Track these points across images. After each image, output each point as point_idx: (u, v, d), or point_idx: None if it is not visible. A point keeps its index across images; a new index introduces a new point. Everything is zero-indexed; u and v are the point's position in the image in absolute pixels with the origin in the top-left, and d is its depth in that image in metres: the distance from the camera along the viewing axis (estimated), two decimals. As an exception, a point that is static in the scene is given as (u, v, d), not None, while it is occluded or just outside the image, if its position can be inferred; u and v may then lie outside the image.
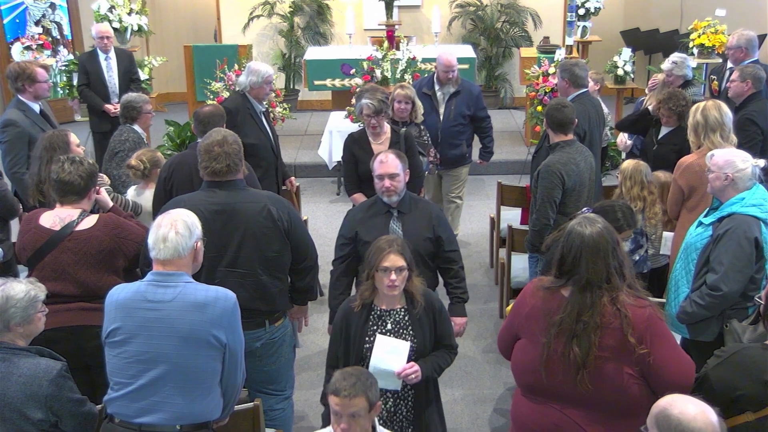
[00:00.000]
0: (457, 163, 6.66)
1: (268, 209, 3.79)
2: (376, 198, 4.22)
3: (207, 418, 3.13)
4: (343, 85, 9.24)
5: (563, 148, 4.82)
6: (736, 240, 3.75)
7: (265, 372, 3.95)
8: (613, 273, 2.96)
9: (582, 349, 2.91)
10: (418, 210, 4.17)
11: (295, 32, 11.18)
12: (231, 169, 3.78)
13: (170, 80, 11.16)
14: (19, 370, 3.04)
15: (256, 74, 5.69)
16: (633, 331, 2.90)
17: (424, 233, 4.10)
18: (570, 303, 2.97)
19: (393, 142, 5.33)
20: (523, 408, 3.15)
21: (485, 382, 5.17)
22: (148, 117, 5.74)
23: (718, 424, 2.32)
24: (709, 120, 4.67)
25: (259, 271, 3.79)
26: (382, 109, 5.20)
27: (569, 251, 2.99)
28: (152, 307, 3.06)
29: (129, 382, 3.07)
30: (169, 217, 3.17)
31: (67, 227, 3.81)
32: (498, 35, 11.28)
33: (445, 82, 6.46)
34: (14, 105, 5.76)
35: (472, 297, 6.29)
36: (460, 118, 6.50)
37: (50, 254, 3.78)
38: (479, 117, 6.65)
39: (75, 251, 3.78)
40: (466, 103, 6.51)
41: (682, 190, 4.66)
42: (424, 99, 6.36)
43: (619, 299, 2.94)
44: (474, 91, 6.63)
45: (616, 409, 2.95)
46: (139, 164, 4.92)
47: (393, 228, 4.08)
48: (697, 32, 8.91)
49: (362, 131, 5.42)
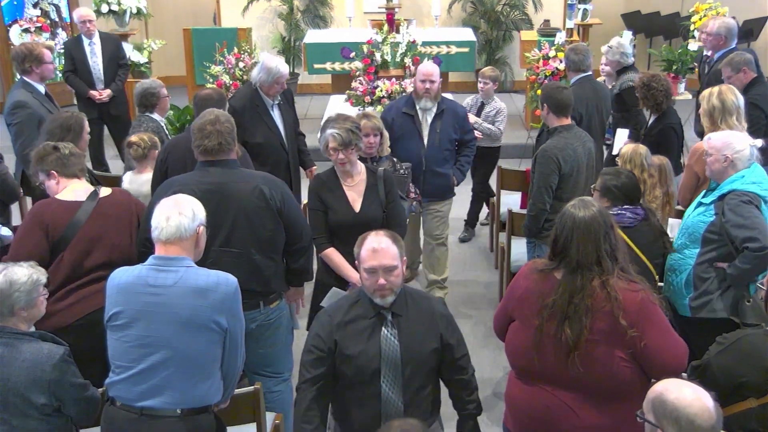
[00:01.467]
0: (442, 196, 5.67)
1: (260, 189, 3.80)
2: (360, 294, 3.25)
3: (207, 402, 3.15)
4: (343, 68, 9.21)
5: (561, 133, 4.82)
6: (746, 207, 3.77)
7: (262, 354, 3.97)
8: (604, 256, 2.96)
9: (573, 331, 2.93)
10: (418, 309, 3.23)
11: (295, 15, 11.13)
12: (223, 148, 3.80)
13: (169, 64, 11.11)
14: (22, 355, 3.06)
15: (267, 72, 5.45)
16: (624, 315, 2.91)
17: (428, 343, 3.21)
18: (562, 285, 2.99)
19: (370, 184, 4.30)
20: (516, 390, 3.18)
21: (484, 367, 5.19)
22: (167, 101, 5.65)
23: (714, 410, 2.33)
24: (726, 104, 4.66)
25: (253, 251, 3.81)
26: (352, 141, 4.16)
27: (561, 232, 3.01)
28: (153, 292, 3.08)
29: (130, 366, 3.09)
30: (172, 200, 3.20)
31: (93, 194, 3.86)
32: (498, 18, 11.22)
33: (422, 95, 5.52)
34: (20, 86, 5.74)
35: (471, 282, 6.36)
36: (447, 143, 5.59)
37: (87, 223, 3.78)
38: (465, 140, 5.76)
39: (108, 215, 3.83)
40: (453, 126, 5.62)
41: (697, 176, 4.63)
42: (405, 120, 5.54)
43: (610, 283, 2.94)
44: (460, 112, 5.75)
45: (607, 392, 2.97)
46: (140, 141, 4.93)
47: (386, 337, 3.15)
48: (698, 15, 8.86)
49: (331, 171, 4.32)
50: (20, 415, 3.06)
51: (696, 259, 4.01)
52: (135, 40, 9.36)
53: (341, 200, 4.22)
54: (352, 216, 4.20)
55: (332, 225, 4.23)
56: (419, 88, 5.53)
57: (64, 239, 3.76)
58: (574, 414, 3.00)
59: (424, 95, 5.50)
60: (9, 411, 3.06)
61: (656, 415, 2.37)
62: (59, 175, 3.93)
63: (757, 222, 3.74)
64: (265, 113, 5.58)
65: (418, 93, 5.54)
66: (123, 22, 9.25)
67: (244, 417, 3.56)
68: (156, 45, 9.32)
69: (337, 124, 4.16)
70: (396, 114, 5.59)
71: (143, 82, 5.72)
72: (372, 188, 4.29)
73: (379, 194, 4.28)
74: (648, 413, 2.41)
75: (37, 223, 3.76)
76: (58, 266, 3.73)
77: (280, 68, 5.48)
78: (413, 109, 5.57)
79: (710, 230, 3.93)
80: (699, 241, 4.00)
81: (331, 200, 4.23)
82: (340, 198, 4.23)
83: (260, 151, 5.45)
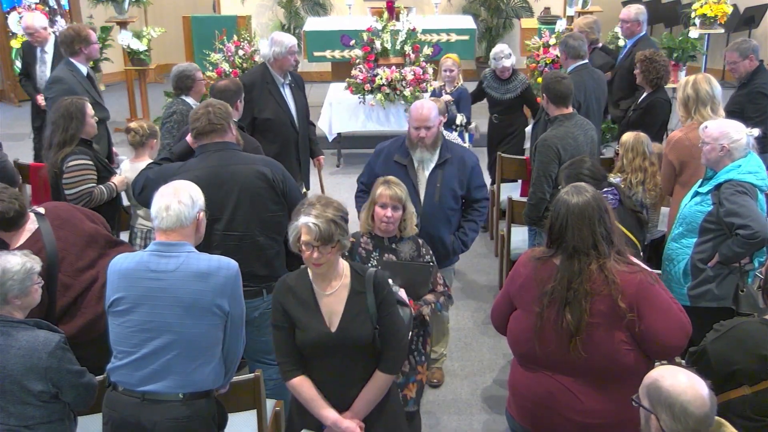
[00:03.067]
0: (439, 264, 4.23)
1: (262, 171, 3.84)
2: None
3: (209, 386, 3.17)
4: (342, 56, 9.20)
5: (562, 122, 4.82)
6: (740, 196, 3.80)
7: (263, 342, 3.98)
8: (600, 240, 2.97)
9: (574, 316, 2.94)
10: None
11: (295, 3, 11.09)
12: (215, 128, 3.86)
13: (169, 51, 11.09)
14: (18, 343, 3.07)
15: (279, 45, 5.58)
16: (623, 297, 2.92)
17: None
18: (560, 271, 3.00)
19: (354, 293, 3.12)
20: (519, 376, 3.20)
21: (484, 354, 5.22)
22: (202, 84, 5.62)
23: (708, 398, 2.33)
24: (701, 93, 4.64)
25: (256, 233, 3.84)
26: (333, 237, 3.00)
27: (556, 219, 3.03)
28: (155, 277, 3.09)
29: (132, 350, 3.10)
30: (171, 187, 3.19)
31: (38, 216, 3.84)
32: (498, 6, 11.19)
33: (415, 143, 4.33)
34: (63, 65, 5.92)
35: (471, 270, 6.38)
36: (449, 199, 4.38)
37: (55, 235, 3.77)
38: (474, 198, 4.50)
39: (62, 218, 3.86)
40: (457, 178, 4.39)
41: (673, 165, 4.65)
42: (398, 170, 4.31)
43: (607, 266, 2.96)
44: (468, 162, 4.45)
45: (609, 376, 2.99)
46: (138, 128, 4.93)
47: None
48: (699, 2, 8.83)
49: (302, 273, 3.20)
50: (18, 402, 3.08)
51: (693, 249, 4.02)
52: (134, 27, 9.33)
53: (314, 315, 3.10)
54: (326, 336, 3.08)
55: (301, 345, 3.11)
56: (412, 135, 4.35)
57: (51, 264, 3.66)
58: (576, 398, 3.02)
59: (419, 144, 4.34)
60: (7, 398, 3.08)
61: (651, 401, 2.39)
62: None
63: (750, 211, 3.77)
64: (275, 90, 5.64)
65: (412, 141, 4.36)
66: (122, 9, 9.21)
67: (245, 404, 3.59)
68: (155, 33, 9.28)
69: (315, 210, 3.03)
70: (385, 162, 4.43)
71: (179, 65, 5.68)
72: (356, 297, 3.12)
73: (368, 305, 3.11)
74: (643, 399, 2.42)
75: None
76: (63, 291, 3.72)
77: (291, 39, 5.66)
78: (407, 157, 4.39)
79: (708, 220, 3.94)
80: (696, 231, 4.02)
81: (300, 314, 3.10)
82: (312, 312, 3.11)
83: (269, 127, 5.47)
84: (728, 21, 9.13)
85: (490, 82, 6.74)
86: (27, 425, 3.11)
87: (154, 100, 9.29)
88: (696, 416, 2.31)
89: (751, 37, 10.50)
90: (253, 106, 5.53)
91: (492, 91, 6.72)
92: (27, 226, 3.73)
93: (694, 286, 4.00)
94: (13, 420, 3.09)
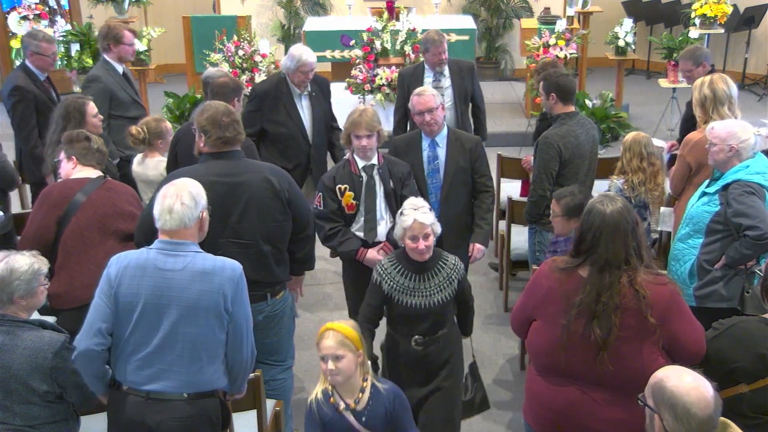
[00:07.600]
0: None
1: (269, 180, 3.80)
2: None
3: (212, 386, 3.16)
4: (342, 56, 9.19)
5: (564, 120, 4.81)
6: (748, 197, 3.79)
7: (267, 344, 3.98)
8: (632, 254, 2.92)
9: (603, 330, 2.88)
10: None
11: (294, 3, 11.09)
12: (237, 139, 3.82)
13: (169, 51, 11.09)
14: (23, 343, 3.07)
15: (291, 59, 5.41)
16: (653, 311, 2.88)
17: None
18: (589, 284, 2.93)
19: None
20: (539, 386, 3.13)
21: (485, 353, 5.22)
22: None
23: (712, 400, 2.33)
24: (718, 93, 4.56)
25: (261, 242, 3.81)
26: None
27: (589, 229, 2.95)
28: (163, 276, 3.08)
29: (136, 349, 3.09)
30: (174, 187, 3.18)
31: (100, 178, 3.97)
32: (498, 6, 11.20)
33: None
34: (100, 63, 5.96)
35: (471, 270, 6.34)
36: None
37: (87, 200, 3.86)
38: None
39: (109, 195, 3.94)
40: None
41: (689, 166, 4.58)
42: None
43: (637, 280, 2.90)
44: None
45: (635, 387, 2.85)
46: (139, 132, 4.91)
47: None
48: (699, 2, 8.84)
49: None
50: (23, 402, 3.09)
51: (700, 249, 4.01)
52: (135, 27, 9.31)
53: None
54: None
55: None
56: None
57: (67, 214, 3.82)
58: (600, 409, 2.97)
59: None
60: (12, 398, 3.08)
61: (655, 400, 2.39)
62: (78, 161, 4.03)
63: (758, 211, 3.75)
64: (289, 102, 5.51)
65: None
66: (122, 9, 9.22)
67: (245, 404, 3.58)
68: (155, 33, 9.28)
69: None
70: None
71: (209, 69, 5.68)
72: None
73: None
74: (648, 398, 2.43)
75: (44, 200, 3.90)
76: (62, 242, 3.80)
77: (303, 56, 5.37)
78: None
79: (715, 220, 3.93)
80: (703, 231, 4.00)
81: None
82: None
83: (278, 138, 5.41)
84: (728, 21, 9.13)
85: None
86: (31, 425, 3.11)
87: (154, 100, 9.29)
88: (699, 418, 2.30)
89: (751, 37, 10.53)
90: (263, 116, 5.47)
91: None
92: (87, 173, 3.99)
93: (700, 286, 3.98)
94: (18, 420, 3.09)
